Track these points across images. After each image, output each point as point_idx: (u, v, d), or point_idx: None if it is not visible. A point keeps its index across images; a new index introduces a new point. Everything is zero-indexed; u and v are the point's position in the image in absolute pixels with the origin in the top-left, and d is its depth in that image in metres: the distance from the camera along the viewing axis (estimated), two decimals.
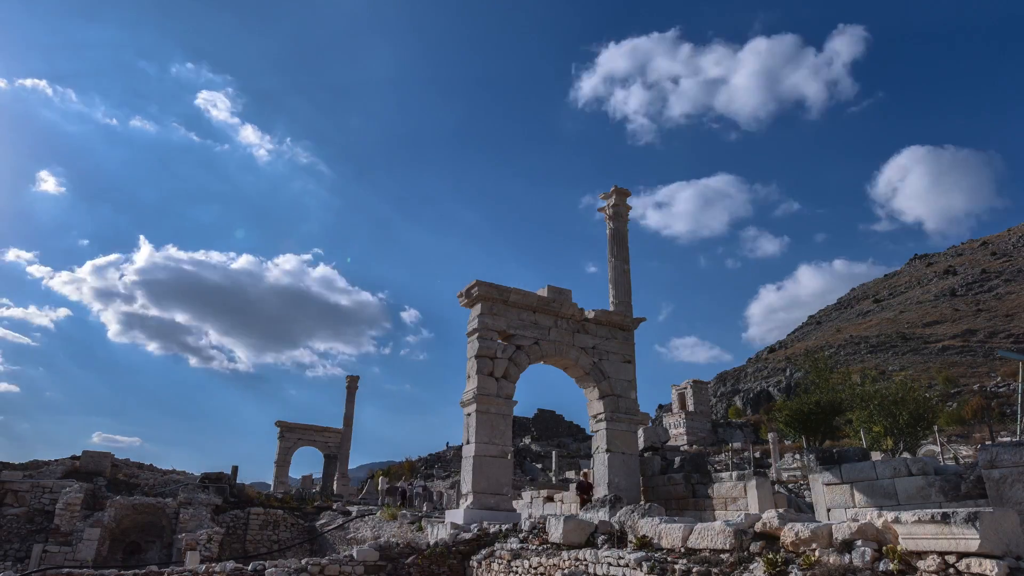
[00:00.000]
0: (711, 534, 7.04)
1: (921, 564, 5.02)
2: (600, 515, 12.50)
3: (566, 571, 8.39)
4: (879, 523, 5.53)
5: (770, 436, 28.97)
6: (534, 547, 9.79)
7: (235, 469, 30.67)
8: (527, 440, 55.07)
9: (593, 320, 18.23)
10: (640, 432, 18.66)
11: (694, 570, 6.61)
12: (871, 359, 56.41)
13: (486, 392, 15.94)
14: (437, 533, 14.39)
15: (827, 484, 10.72)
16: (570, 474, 32.40)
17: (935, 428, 23.20)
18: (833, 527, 5.88)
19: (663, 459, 17.89)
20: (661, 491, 17.03)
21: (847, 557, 5.55)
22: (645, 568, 7.13)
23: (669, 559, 7.14)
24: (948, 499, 9.18)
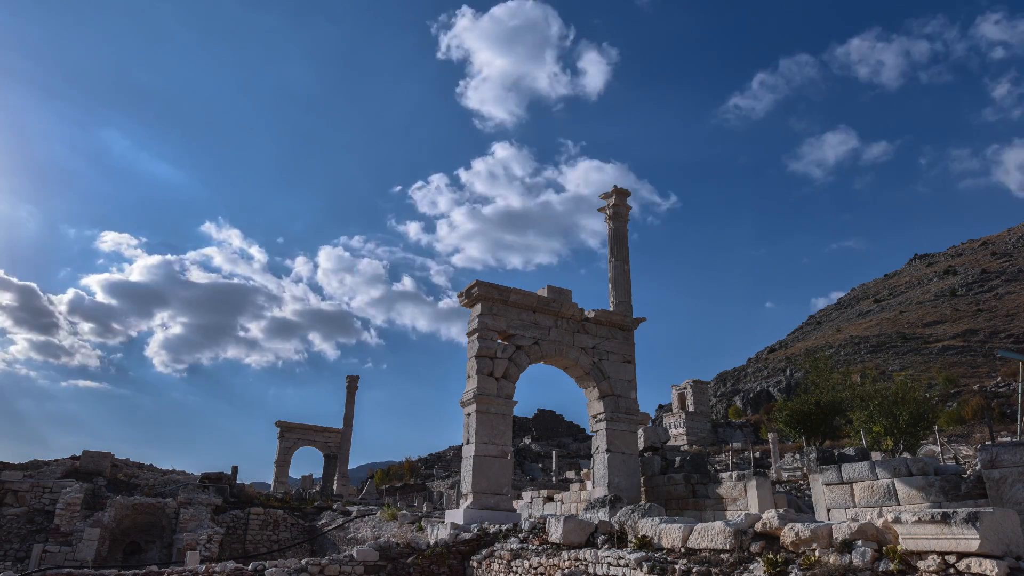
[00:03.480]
0: (711, 534, 7.04)
1: (921, 564, 5.02)
2: (600, 515, 12.50)
3: (566, 571, 8.39)
4: (879, 523, 5.53)
5: (770, 436, 28.99)
6: (534, 547, 9.79)
7: (235, 469, 30.66)
8: (527, 440, 55.06)
9: (593, 320, 18.23)
10: (640, 432, 18.66)
11: (694, 570, 6.61)
12: (871, 359, 56.41)
13: (486, 392, 15.94)
14: (437, 533, 14.39)
15: (827, 484, 10.71)
16: (570, 474, 32.41)
17: (935, 428, 23.20)
18: (833, 527, 5.87)
19: (663, 459, 17.89)
20: (661, 491, 17.03)
21: (847, 557, 5.55)
22: (645, 568, 7.13)
23: (669, 559, 7.14)
24: (948, 499, 9.17)
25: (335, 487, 40.45)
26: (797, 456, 22.29)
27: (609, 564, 7.88)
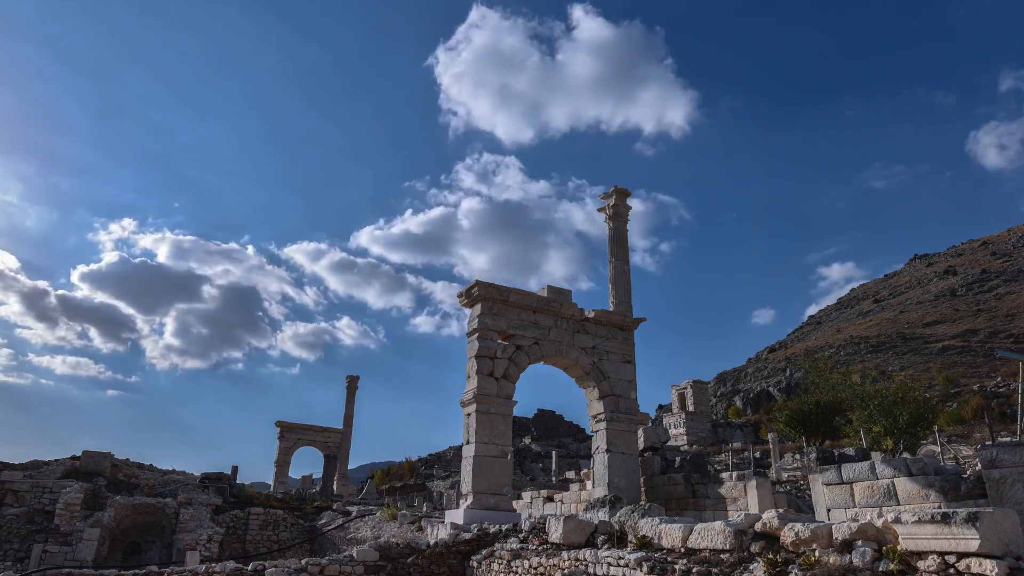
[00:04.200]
0: (711, 534, 7.04)
1: (921, 564, 5.02)
2: (600, 515, 12.51)
3: (566, 571, 8.39)
4: (879, 523, 5.53)
5: (770, 436, 28.97)
6: (534, 547, 9.79)
7: (235, 469, 30.67)
8: (527, 440, 55.06)
9: (593, 320, 18.23)
10: (640, 432, 18.66)
11: (694, 570, 6.61)
12: (871, 359, 56.42)
13: (486, 392, 15.94)
14: (437, 533, 14.39)
15: (827, 484, 10.71)
16: (570, 474, 32.42)
17: (935, 428, 23.19)
18: (833, 527, 5.87)
19: (663, 459, 17.89)
20: (661, 491, 17.03)
21: (847, 557, 5.55)
22: (645, 568, 7.13)
23: (669, 559, 7.13)
24: (948, 499, 9.17)
25: (335, 487, 40.44)
26: (797, 456, 22.28)
27: (609, 564, 7.88)
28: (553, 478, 33.54)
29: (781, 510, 6.73)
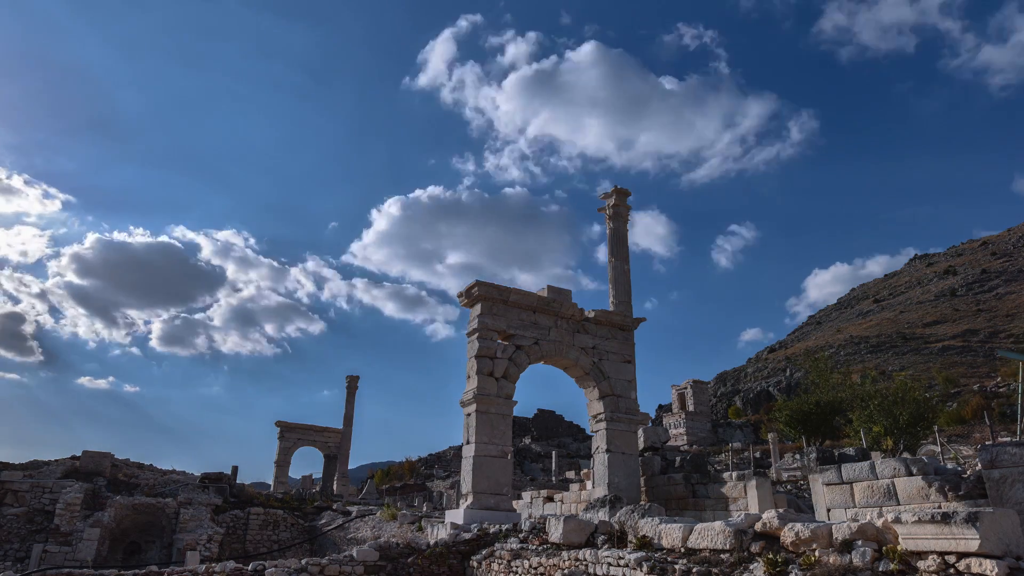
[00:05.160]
0: (711, 534, 7.04)
1: (921, 564, 5.02)
2: (600, 515, 12.50)
3: (566, 571, 8.40)
4: (879, 523, 5.53)
5: (770, 436, 28.98)
6: (534, 547, 9.79)
7: (235, 469, 30.70)
8: (527, 440, 55.07)
9: (593, 320, 18.23)
10: (640, 432, 18.66)
11: (694, 570, 6.61)
12: (871, 359, 56.44)
13: (486, 392, 15.95)
14: (437, 533, 14.40)
15: (827, 484, 10.70)
16: (570, 474, 32.42)
17: (935, 428, 23.21)
18: (833, 527, 5.88)
19: (663, 459, 17.89)
20: (661, 491, 17.03)
21: (847, 557, 5.55)
22: (645, 568, 7.13)
23: (669, 559, 7.14)
24: (948, 499, 9.16)
25: (335, 487, 40.46)
26: (797, 456, 22.29)
27: (609, 564, 7.89)
28: (553, 478, 33.55)
29: (781, 510, 6.73)
